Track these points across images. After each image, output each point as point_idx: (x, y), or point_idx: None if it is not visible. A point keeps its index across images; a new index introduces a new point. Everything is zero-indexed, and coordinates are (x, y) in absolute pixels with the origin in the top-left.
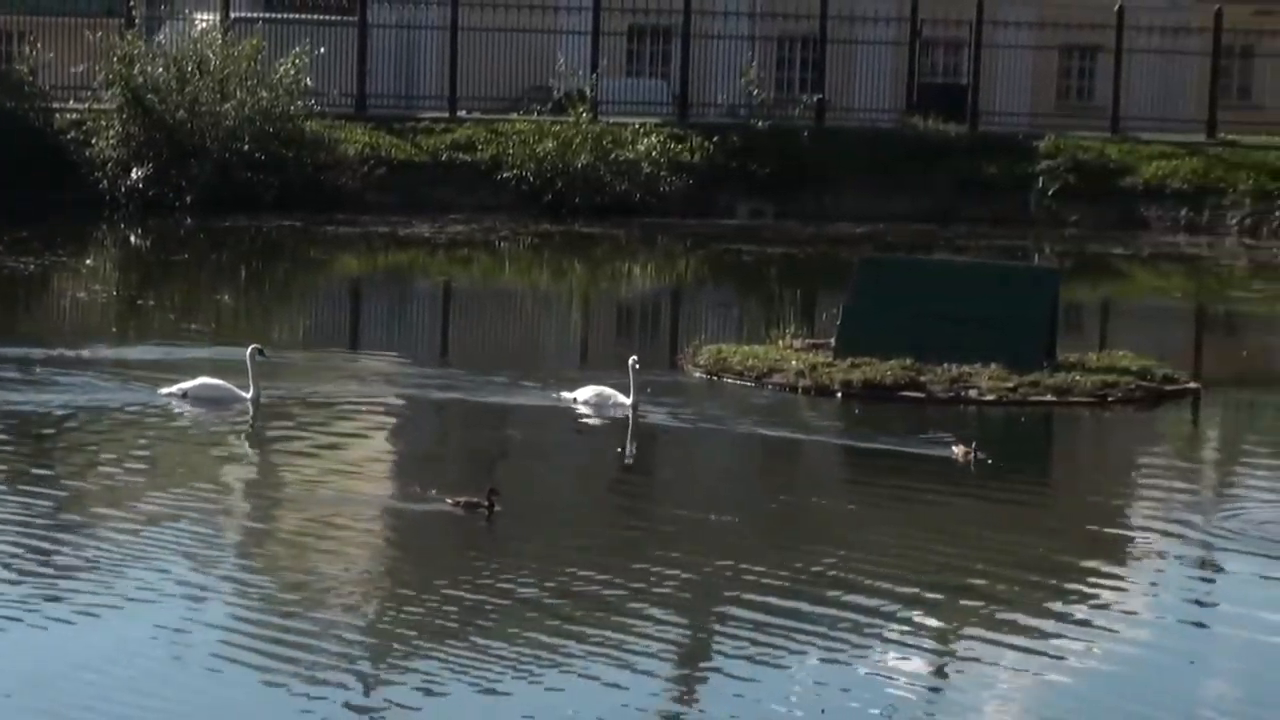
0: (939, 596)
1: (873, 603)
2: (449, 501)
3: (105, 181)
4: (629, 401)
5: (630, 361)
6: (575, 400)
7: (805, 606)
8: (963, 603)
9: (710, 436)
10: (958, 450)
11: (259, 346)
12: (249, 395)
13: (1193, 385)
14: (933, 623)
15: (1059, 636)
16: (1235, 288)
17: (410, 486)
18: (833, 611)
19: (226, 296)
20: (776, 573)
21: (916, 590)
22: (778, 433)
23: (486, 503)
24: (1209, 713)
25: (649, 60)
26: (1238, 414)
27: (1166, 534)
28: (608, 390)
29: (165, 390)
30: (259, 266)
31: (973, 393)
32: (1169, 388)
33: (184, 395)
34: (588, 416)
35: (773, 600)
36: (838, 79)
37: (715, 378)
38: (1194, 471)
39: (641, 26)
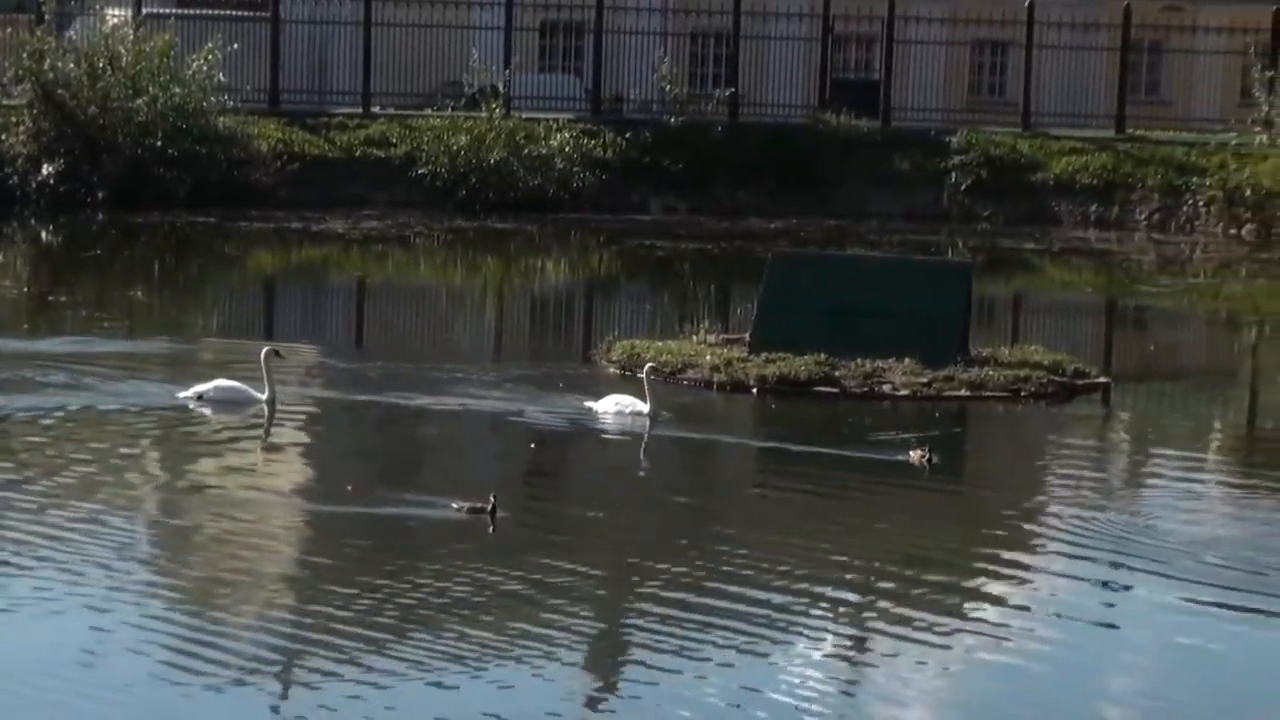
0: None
1: (787, 599)
2: (454, 506)
3: (15, 177)
4: (647, 410)
5: (645, 371)
6: (595, 410)
7: (719, 603)
8: (878, 600)
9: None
10: (914, 454)
11: (274, 348)
12: (264, 397)
13: (1103, 380)
14: (848, 619)
15: (971, 633)
16: (1144, 282)
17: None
18: (745, 608)
19: (140, 291)
20: (689, 569)
21: (830, 587)
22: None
23: (489, 508)
24: (1113, 710)
25: (562, 56)
26: (1147, 408)
27: (1080, 531)
28: (626, 399)
29: (183, 393)
30: (173, 262)
31: (887, 388)
32: (1080, 382)
33: (200, 398)
34: (607, 426)
35: (689, 597)
36: (751, 75)
37: (629, 373)
38: (1108, 466)
39: (554, 22)
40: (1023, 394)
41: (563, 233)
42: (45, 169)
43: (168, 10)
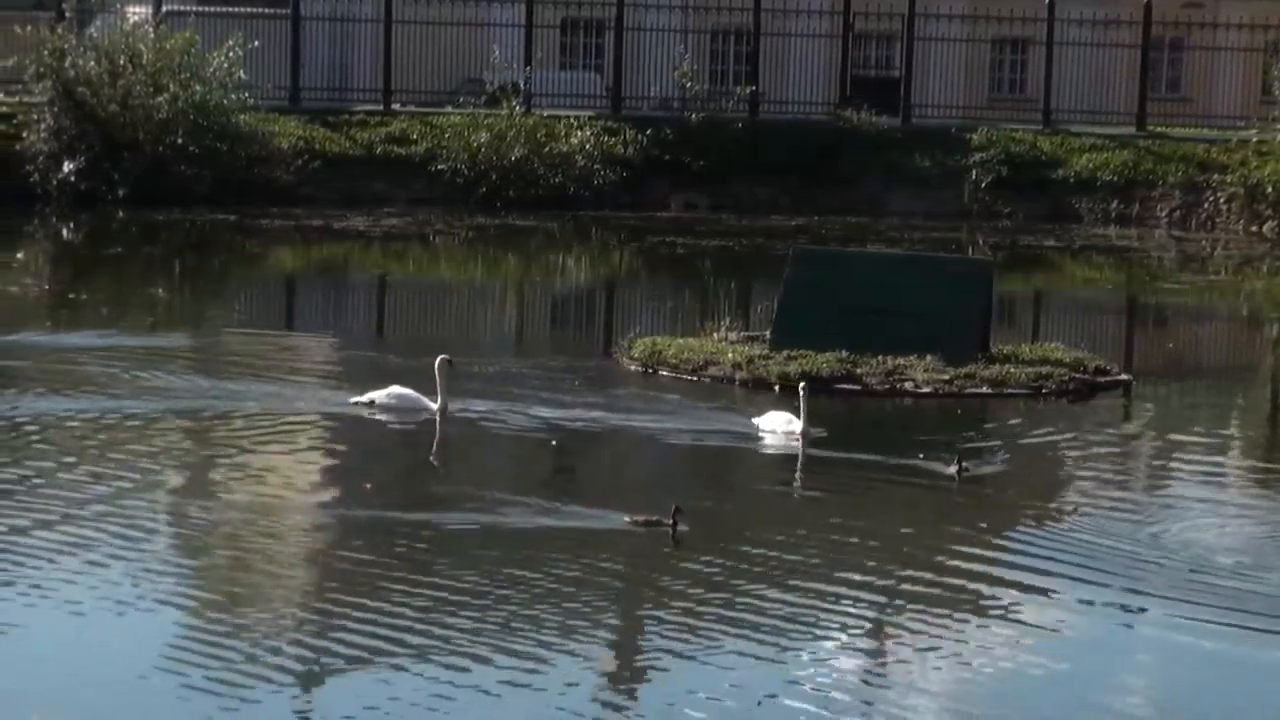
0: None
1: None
2: (628, 520)
3: (36, 175)
4: (799, 428)
5: (800, 386)
6: (758, 425)
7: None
8: (897, 600)
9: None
10: (951, 469)
11: (448, 357)
12: (436, 406)
13: (1124, 377)
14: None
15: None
16: (1164, 280)
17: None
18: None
19: (161, 289)
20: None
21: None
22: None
23: (671, 521)
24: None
25: (582, 53)
26: (1168, 406)
27: (1102, 534)
28: (782, 415)
29: (354, 399)
30: (193, 260)
31: (908, 385)
32: (1101, 379)
33: (372, 404)
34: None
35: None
36: (771, 72)
37: (650, 371)
38: (1130, 468)
39: (575, 19)
40: (1044, 391)
41: (583, 230)
42: (66, 166)
43: (188, 8)
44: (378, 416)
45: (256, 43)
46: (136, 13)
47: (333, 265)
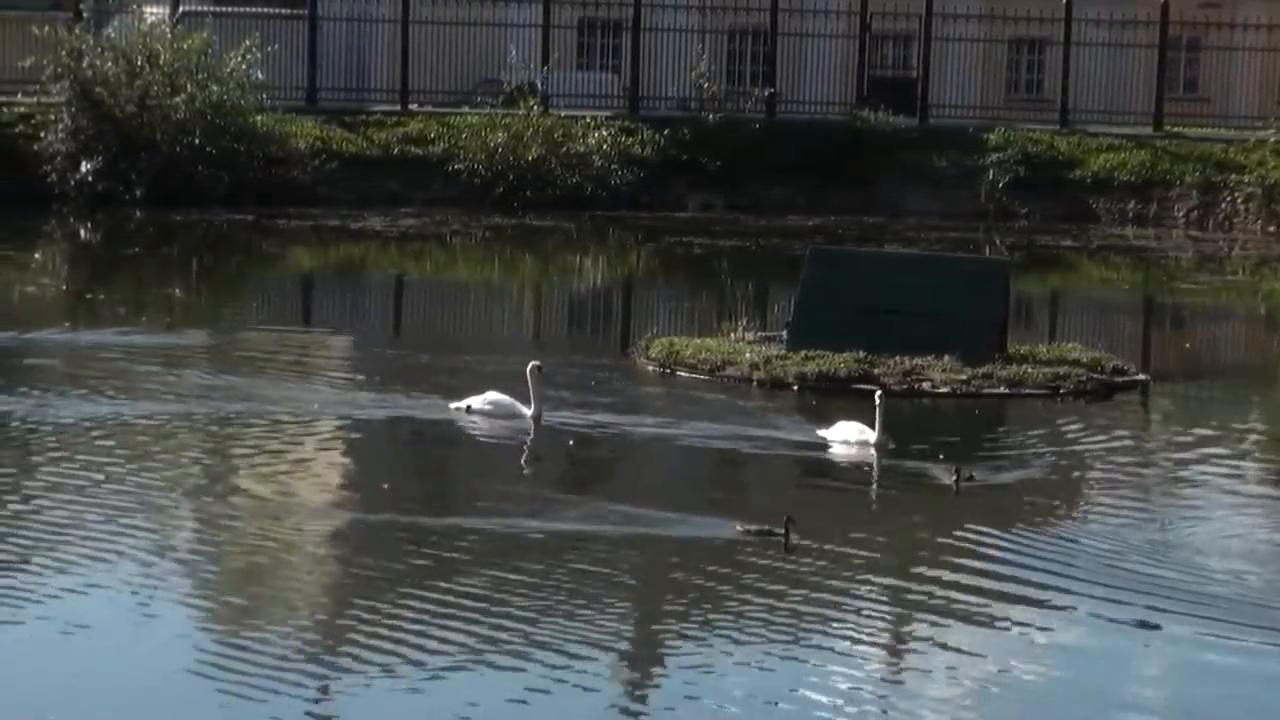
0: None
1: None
2: (739, 528)
3: (54, 175)
4: (873, 439)
5: (876, 395)
6: (826, 436)
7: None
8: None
9: None
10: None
11: (538, 363)
12: (530, 412)
13: (1142, 377)
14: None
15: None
16: (1182, 280)
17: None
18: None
19: (178, 290)
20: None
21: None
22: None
23: (783, 531)
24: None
25: (599, 53)
26: (1186, 406)
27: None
28: (854, 425)
29: (455, 404)
30: (211, 260)
31: (926, 385)
32: (1119, 380)
33: (469, 409)
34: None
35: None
36: (788, 72)
37: (668, 371)
38: (1148, 470)
39: (592, 20)
40: (1061, 391)
41: (600, 230)
42: (83, 167)
43: (205, 8)
44: (474, 422)
45: (273, 47)
46: (154, 13)
47: (351, 265)
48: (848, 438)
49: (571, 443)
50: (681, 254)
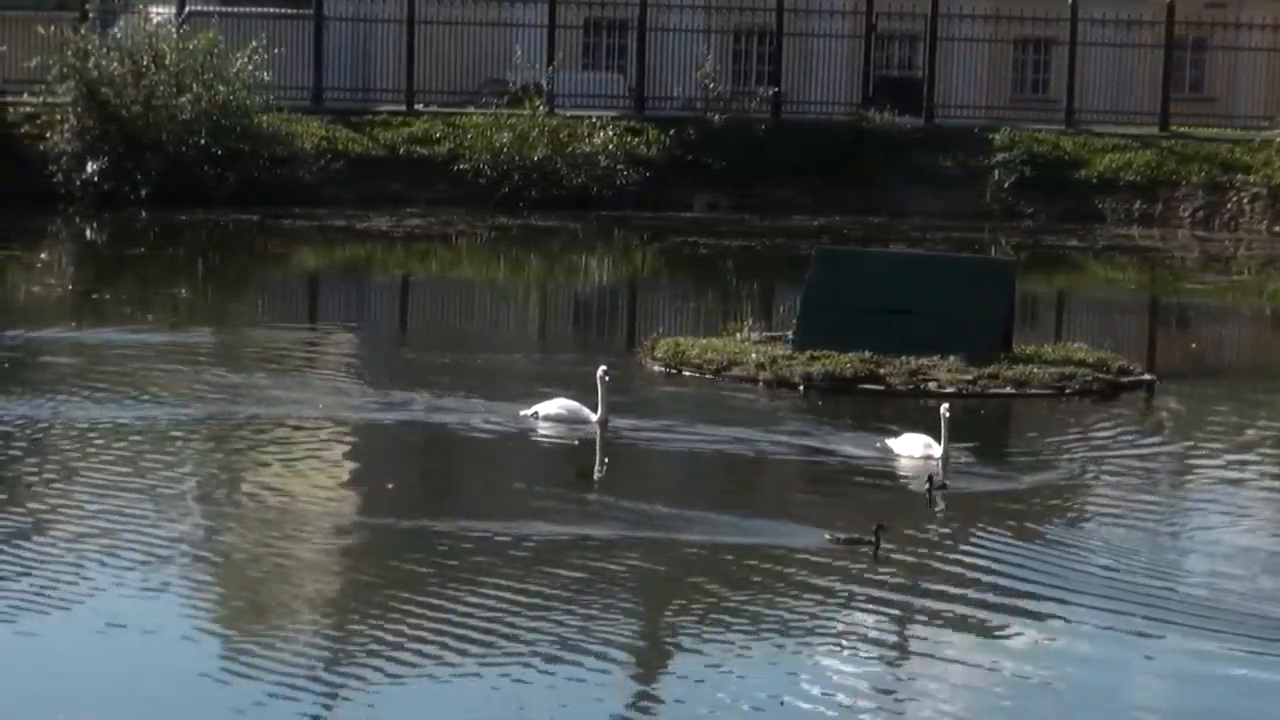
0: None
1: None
2: (827, 537)
3: (60, 175)
4: (939, 452)
5: (942, 408)
6: (892, 448)
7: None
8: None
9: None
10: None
11: (608, 368)
12: (597, 417)
13: (1147, 377)
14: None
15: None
16: (1187, 280)
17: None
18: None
19: (183, 290)
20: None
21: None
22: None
23: (873, 540)
24: None
25: (605, 53)
26: (1192, 406)
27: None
28: (920, 437)
29: (523, 411)
30: (218, 260)
31: (932, 385)
32: (1125, 379)
33: (536, 416)
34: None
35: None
36: (794, 72)
37: (674, 371)
38: (1155, 472)
39: (598, 20)
40: (1067, 391)
41: (605, 230)
42: (89, 167)
43: (211, 8)
44: (541, 428)
45: (280, 50)
46: (159, 13)
47: (356, 265)
48: (913, 451)
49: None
50: (687, 254)
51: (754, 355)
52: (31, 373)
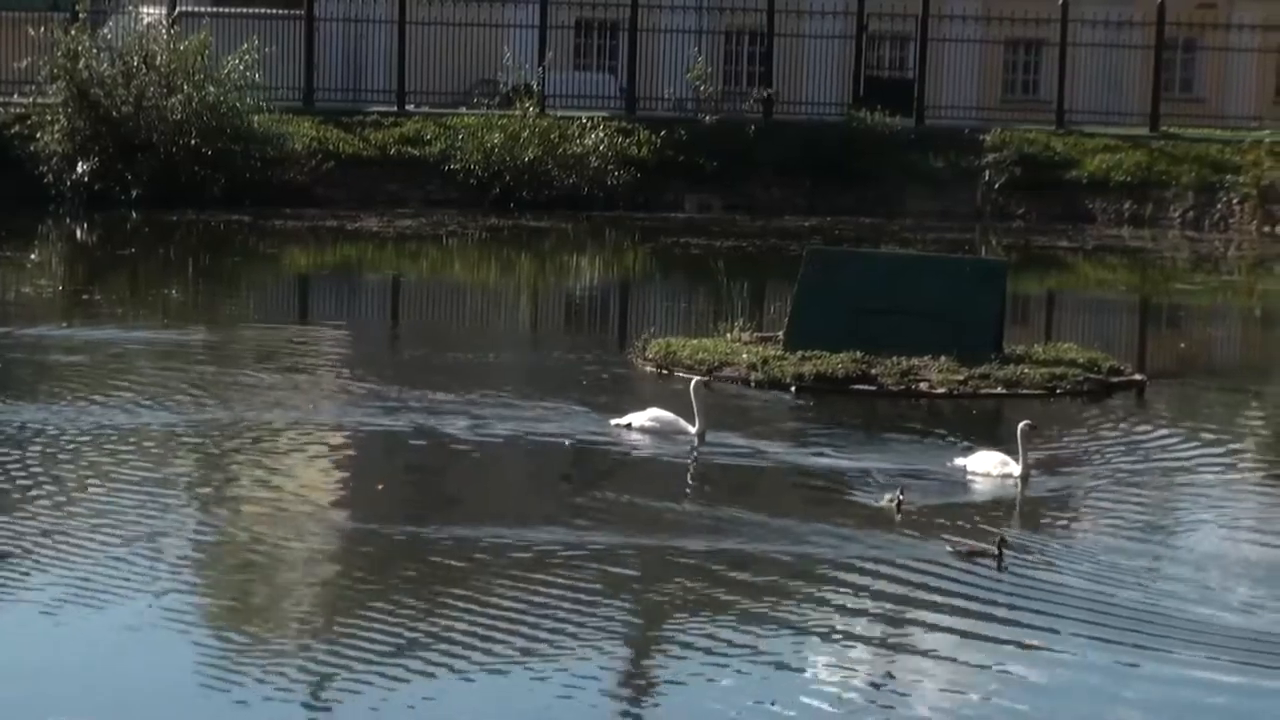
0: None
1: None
2: (949, 548)
3: (50, 176)
4: (1016, 470)
5: (1021, 428)
6: (966, 466)
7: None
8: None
9: None
10: (886, 497)
11: (705, 379)
12: (695, 429)
13: (1138, 377)
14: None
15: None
16: (1178, 280)
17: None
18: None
19: (174, 290)
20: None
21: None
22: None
23: (996, 552)
24: None
25: (596, 54)
26: (1182, 406)
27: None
28: (995, 455)
29: (615, 421)
30: (208, 260)
31: (923, 385)
32: (1115, 380)
33: (629, 426)
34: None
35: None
36: (785, 73)
37: (665, 371)
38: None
39: (589, 20)
40: (1058, 392)
41: (597, 231)
42: (80, 167)
43: (202, 9)
44: (636, 439)
45: (270, 49)
46: (150, 14)
47: (348, 266)
48: (990, 469)
49: (567, 443)
50: (678, 254)
51: (745, 356)
52: (21, 370)
